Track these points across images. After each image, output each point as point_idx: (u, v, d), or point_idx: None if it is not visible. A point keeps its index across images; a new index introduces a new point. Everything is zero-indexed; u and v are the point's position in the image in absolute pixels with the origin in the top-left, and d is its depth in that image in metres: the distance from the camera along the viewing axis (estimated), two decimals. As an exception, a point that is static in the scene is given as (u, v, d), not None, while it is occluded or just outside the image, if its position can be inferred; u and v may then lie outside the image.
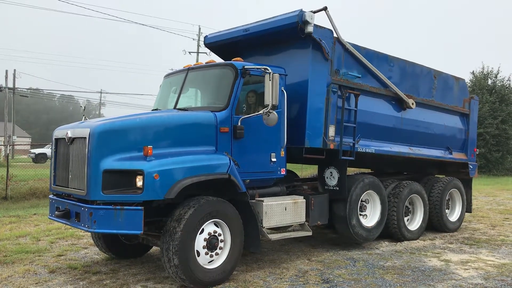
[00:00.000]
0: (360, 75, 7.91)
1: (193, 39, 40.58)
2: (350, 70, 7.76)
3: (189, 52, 40.29)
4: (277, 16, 7.36)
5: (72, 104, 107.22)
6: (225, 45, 8.33)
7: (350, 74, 7.74)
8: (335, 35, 7.42)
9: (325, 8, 7.29)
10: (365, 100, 8.02)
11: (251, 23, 7.72)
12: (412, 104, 8.71)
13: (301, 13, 6.87)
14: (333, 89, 7.41)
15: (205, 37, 8.58)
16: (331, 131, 7.38)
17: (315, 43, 7.15)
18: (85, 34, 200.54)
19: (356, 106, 7.75)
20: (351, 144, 7.63)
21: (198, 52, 40.42)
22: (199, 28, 41.37)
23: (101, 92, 73.92)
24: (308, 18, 6.86)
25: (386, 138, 8.52)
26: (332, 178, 7.75)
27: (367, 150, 8.03)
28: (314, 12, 7.05)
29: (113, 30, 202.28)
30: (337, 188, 7.68)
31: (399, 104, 8.72)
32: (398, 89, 8.48)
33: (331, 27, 7.37)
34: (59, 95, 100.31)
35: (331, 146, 7.37)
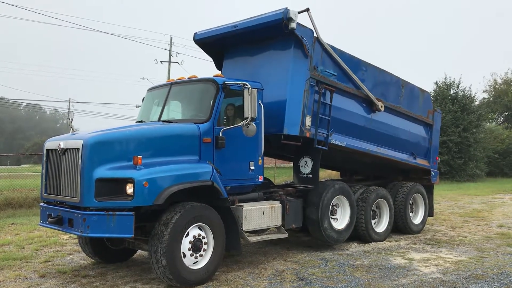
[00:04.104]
0: (335, 74, 8.57)
1: (165, 49, 40.85)
2: (327, 68, 8.41)
3: (161, 62, 40.53)
4: (264, 13, 7.98)
5: (38, 113, 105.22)
6: (213, 42, 8.88)
7: (327, 71, 8.38)
8: (315, 34, 8.08)
9: (307, 9, 7.98)
10: (339, 98, 8.70)
11: (239, 20, 8.30)
12: (381, 106, 9.42)
13: (286, 10, 7.52)
14: (311, 83, 8.03)
15: (195, 34, 8.99)
16: (308, 121, 7.97)
17: (297, 40, 7.80)
18: (53, 43, 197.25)
19: (331, 101, 8.39)
20: (325, 135, 8.26)
21: (170, 62, 40.65)
22: (171, 38, 41.43)
23: (69, 101, 72.87)
24: (292, 15, 7.51)
25: (357, 135, 9.19)
26: (306, 166, 8.38)
27: (339, 143, 8.66)
28: (298, 12, 7.70)
29: (82, 40, 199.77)
30: (310, 176, 8.31)
31: (370, 106, 9.41)
32: (369, 91, 9.19)
33: (312, 28, 8.03)
34: (25, 103, 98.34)
35: (307, 135, 7.96)
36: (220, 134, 6.84)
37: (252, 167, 7.34)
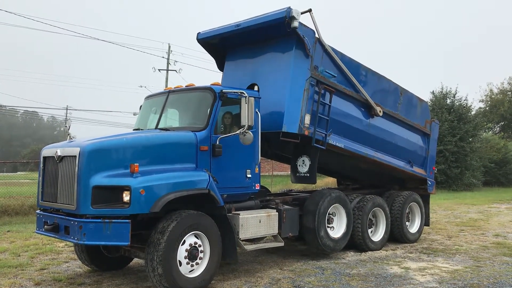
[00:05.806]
0: (335, 75, 8.63)
1: (163, 57, 40.94)
2: (327, 69, 8.48)
3: (159, 70, 40.58)
4: (267, 13, 8.05)
5: (36, 120, 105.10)
6: (216, 42, 8.98)
7: (327, 72, 8.44)
8: (316, 35, 8.17)
9: (310, 10, 8.05)
10: (339, 100, 8.76)
11: (242, 20, 8.38)
12: (380, 111, 9.47)
13: (289, 9, 7.58)
14: (311, 83, 8.09)
15: (198, 33, 9.07)
16: (307, 119, 8.01)
17: (299, 39, 7.86)
18: (51, 50, 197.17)
19: (330, 102, 8.45)
20: (324, 135, 8.31)
21: (167, 70, 40.72)
22: (169, 46, 41.53)
23: (67, 109, 72.75)
24: (294, 14, 7.57)
25: (355, 139, 9.23)
26: (304, 165, 8.42)
27: (337, 144, 8.69)
28: (301, 13, 7.77)
29: (80, 47, 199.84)
30: (308, 175, 8.34)
31: (368, 110, 9.45)
32: (368, 96, 9.24)
33: (314, 28, 8.11)
34: (22, 111, 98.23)
35: (306, 133, 7.99)
36: (217, 142, 6.86)
37: (249, 175, 7.36)
